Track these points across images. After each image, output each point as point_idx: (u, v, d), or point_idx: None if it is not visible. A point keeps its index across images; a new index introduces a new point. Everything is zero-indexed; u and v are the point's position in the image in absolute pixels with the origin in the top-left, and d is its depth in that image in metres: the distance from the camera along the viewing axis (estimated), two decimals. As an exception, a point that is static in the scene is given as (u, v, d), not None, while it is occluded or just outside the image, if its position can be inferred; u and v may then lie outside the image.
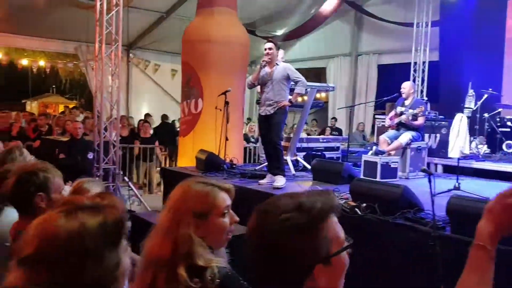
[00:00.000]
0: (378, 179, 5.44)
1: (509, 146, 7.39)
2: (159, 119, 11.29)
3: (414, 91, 6.77)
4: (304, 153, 7.24)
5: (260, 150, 8.05)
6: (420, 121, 6.32)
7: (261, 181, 5.43)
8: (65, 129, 9.25)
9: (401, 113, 6.36)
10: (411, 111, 6.24)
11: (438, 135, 7.51)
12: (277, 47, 5.47)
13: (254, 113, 13.66)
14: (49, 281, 0.90)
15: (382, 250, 3.60)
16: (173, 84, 12.89)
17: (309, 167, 6.35)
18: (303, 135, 8.49)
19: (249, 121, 11.70)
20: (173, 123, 11.15)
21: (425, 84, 10.04)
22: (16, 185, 2.02)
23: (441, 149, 7.26)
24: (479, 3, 8.82)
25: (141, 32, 11.95)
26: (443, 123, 7.52)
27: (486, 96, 7.56)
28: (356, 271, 1.12)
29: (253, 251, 1.03)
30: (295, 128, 8.08)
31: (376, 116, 9.38)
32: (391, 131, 6.44)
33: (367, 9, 11.63)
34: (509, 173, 6.33)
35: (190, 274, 1.41)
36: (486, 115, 7.60)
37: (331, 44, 12.73)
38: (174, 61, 12.74)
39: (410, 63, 10.20)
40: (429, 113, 7.70)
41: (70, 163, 6.32)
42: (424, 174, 5.49)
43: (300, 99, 6.11)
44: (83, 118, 11.42)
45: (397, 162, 5.87)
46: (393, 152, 6.14)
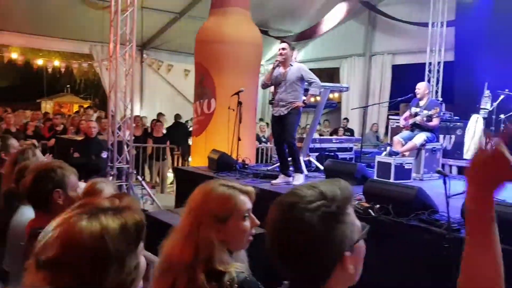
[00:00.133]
0: (392, 180, 5.39)
1: (525, 148, 7.26)
2: (172, 119, 11.34)
3: (429, 91, 6.69)
4: (317, 153, 7.22)
5: (273, 151, 8.04)
6: (435, 122, 6.25)
7: (273, 181, 5.43)
8: (79, 128, 9.34)
9: (416, 114, 6.29)
10: (425, 112, 6.17)
11: (453, 136, 7.42)
12: (291, 47, 5.44)
13: (266, 113, 13.65)
14: (71, 284, 0.90)
15: (396, 252, 3.56)
16: (186, 84, 12.95)
17: (322, 167, 6.32)
18: (315, 135, 8.45)
19: (261, 121, 11.70)
20: (186, 123, 11.18)
21: (440, 84, 9.93)
22: (34, 181, 2.04)
23: (456, 151, 7.17)
24: (496, 2, 8.70)
25: (155, 33, 12.02)
26: (458, 124, 7.44)
27: (502, 97, 7.44)
28: (369, 273, 1.10)
29: (281, 244, 1.02)
30: (307, 128, 8.05)
31: (390, 117, 9.31)
32: (405, 132, 6.37)
33: (381, 9, 11.55)
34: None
35: (209, 278, 1.40)
36: (502, 116, 7.47)
37: (345, 44, 12.65)
38: (187, 61, 12.80)
39: (424, 63, 10.09)
40: (444, 114, 7.61)
41: (84, 162, 6.36)
42: (438, 175, 5.43)
43: (313, 99, 6.08)
44: (96, 117, 11.54)
45: (411, 163, 5.81)
46: (407, 153, 6.08)
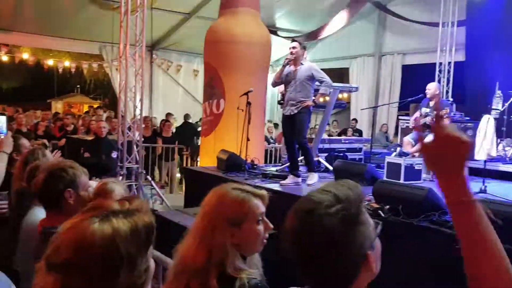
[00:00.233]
0: (402, 181, 5.36)
1: (537, 149, 7.18)
2: (181, 119, 11.37)
3: (440, 92, 6.65)
4: (326, 154, 7.19)
5: (283, 151, 8.03)
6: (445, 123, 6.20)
7: (283, 181, 5.42)
8: (90, 128, 9.41)
9: (426, 114, 6.25)
10: (436, 112, 6.12)
11: (464, 137, 7.35)
12: (302, 46, 5.41)
13: (275, 115, 13.62)
14: (85, 286, 0.90)
15: (406, 253, 3.54)
16: (195, 84, 12.99)
17: (331, 168, 6.29)
18: (324, 136, 8.43)
19: (269, 122, 11.69)
20: (196, 124, 11.17)
21: (450, 85, 9.87)
22: (46, 181, 2.06)
23: (467, 151, 7.10)
24: (507, 2, 8.61)
25: (164, 33, 12.06)
26: (469, 124, 7.36)
27: (514, 97, 7.36)
28: (379, 275, 1.09)
29: (303, 251, 1.03)
30: (316, 128, 8.03)
31: (400, 118, 9.25)
32: (415, 133, 6.34)
33: (391, 9, 11.49)
34: (537, 176, 6.15)
35: (221, 283, 1.40)
36: (514, 116, 7.40)
37: (354, 44, 12.60)
38: (196, 61, 12.85)
39: (435, 63, 10.04)
40: (454, 114, 7.55)
41: (94, 162, 6.40)
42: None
43: (322, 99, 6.07)
44: (106, 117, 11.59)
45: (421, 164, 5.77)
46: (417, 154, 6.04)
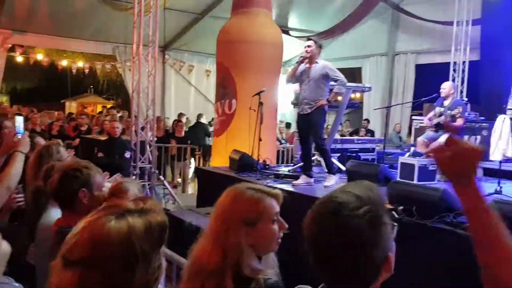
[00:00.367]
0: (415, 181, 5.31)
1: (554, 149, 7.06)
2: (194, 120, 11.40)
3: (454, 91, 6.57)
4: (338, 154, 7.16)
5: (295, 151, 8.01)
6: (459, 122, 6.12)
7: (295, 181, 5.40)
8: (103, 128, 9.49)
9: (440, 114, 6.19)
10: (449, 112, 6.06)
11: (479, 137, 7.26)
12: (317, 45, 5.34)
13: (288, 115, 13.58)
14: (100, 282, 0.92)
15: (419, 255, 3.50)
16: (207, 84, 13.03)
17: (343, 168, 6.25)
18: (337, 136, 8.39)
19: (281, 123, 11.68)
20: (209, 124, 11.19)
21: (465, 84, 9.75)
22: (61, 181, 2.09)
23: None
24: (523, 0, 8.50)
25: (176, 33, 12.12)
26: (484, 124, 7.28)
27: (530, 97, 7.27)
28: (394, 277, 1.08)
29: (327, 252, 1.03)
30: (329, 129, 8.00)
31: (414, 117, 9.17)
32: (429, 133, 6.27)
33: (404, 7, 11.39)
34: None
35: (236, 284, 1.39)
36: (530, 116, 7.30)
37: (367, 43, 12.52)
38: (208, 61, 12.88)
39: (449, 63, 9.92)
40: (469, 114, 7.47)
41: (108, 162, 6.44)
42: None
43: (336, 98, 6.03)
44: (119, 116, 11.69)
45: (435, 164, 5.69)
46: (431, 155, 5.98)
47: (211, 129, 9.94)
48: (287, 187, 5.20)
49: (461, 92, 9.69)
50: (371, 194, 1.06)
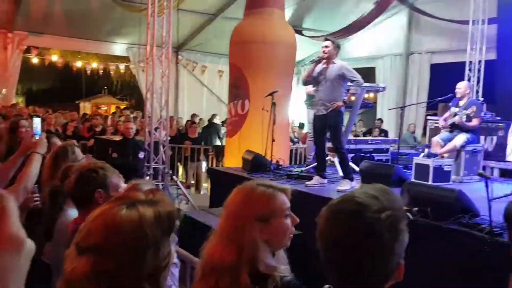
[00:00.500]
0: (430, 182, 5.25)
1: None
2: (206, 120, 11.44)
3: (470, 91, 6.49)
4: (352, 155, 7.10)
5: (308, 152, 7.98)
6: (475, 122, 6.04)
7: (308, 182, 5.38)
8: (117, 129, 9.57)
9: (455, 114, 6.11)
10: (464, 112, 5.99)
11: (495, 137, 7.17)
12: (335, 45, 5.23)
13: (303, 115, 13.54)
14: (113, 268, 0.95)
15: (434, 257, 3.47)
16: (220, 85, 13.06)
17: (357, 169, 6.21)
18: (350, 136, 8.34)
19: (293, 123, 11.65)
20: (222, 124, 11.21)
21: (480, 84, 9.62)
22: (78, 181, 2.12)
23: (498, 152, 6.92)
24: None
25: (190, 34, 12.17)
26: (500, 125, 7.18)
27: (547, 96, 7.15)
28: (406, 278, 1.07)
29: (343, 252, 1.02)
30: (343, 129, 7.94)
31: (428, 117, 9.07)
32: (444, 133, 6.20)
33: (419, 6, 11.29)
34: None
35: (253, 281, 1.39)
36: (547, 116, 7.18)
37: (382, 43, 12.44)
38: (221, 62, 12.91)
39: (464, 62, 9.79)
40: (485, 114, 7.37)
41: (122, 162, 6.49)
42: (479, 178, 5.26)
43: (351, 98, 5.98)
44: (133, 117, 11.77)
45: (450, 165, 5.64)
46: (446, 155, 5.92)
47: (224, 130, 9.97)
48: (300, 187, 5.18)
49: (477, 92, 9.56)
50: (391, 198, 1.05)
